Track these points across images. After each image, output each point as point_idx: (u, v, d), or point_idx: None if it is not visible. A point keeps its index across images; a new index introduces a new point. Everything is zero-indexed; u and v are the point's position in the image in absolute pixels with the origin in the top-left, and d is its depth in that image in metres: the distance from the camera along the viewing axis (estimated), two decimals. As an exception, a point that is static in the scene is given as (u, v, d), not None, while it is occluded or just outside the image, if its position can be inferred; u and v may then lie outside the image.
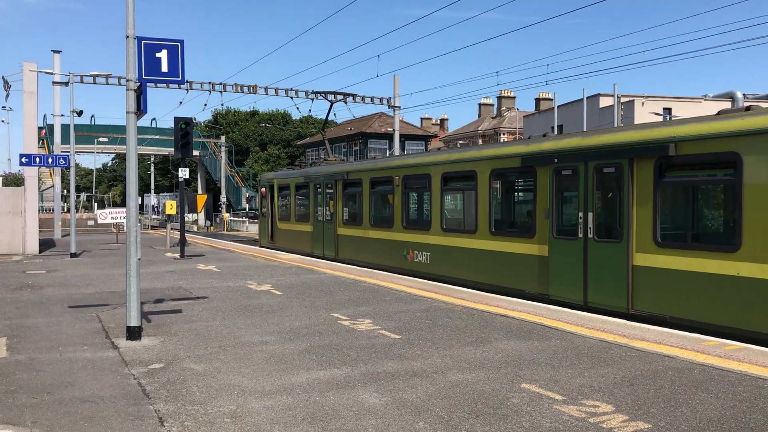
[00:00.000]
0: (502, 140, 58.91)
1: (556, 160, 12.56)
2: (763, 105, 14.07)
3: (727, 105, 39.66)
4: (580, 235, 11.99)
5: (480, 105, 73.51)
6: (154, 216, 61.08)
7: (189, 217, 58.75)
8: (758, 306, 9.19)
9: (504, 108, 68.48)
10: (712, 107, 37.27)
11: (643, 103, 42.51)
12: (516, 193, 15.45)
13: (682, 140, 10.36)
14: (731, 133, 9.70)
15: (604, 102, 44.37)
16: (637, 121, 39.43)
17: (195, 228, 58.07)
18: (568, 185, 12.49)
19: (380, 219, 19.50)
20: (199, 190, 73.00)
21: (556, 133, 41.00)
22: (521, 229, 14.31)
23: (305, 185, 24.34)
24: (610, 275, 11.38)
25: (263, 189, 28.73)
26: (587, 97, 41.94)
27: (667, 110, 41.93)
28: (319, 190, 22.97)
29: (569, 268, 12.21)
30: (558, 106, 45.99)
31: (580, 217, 12.01)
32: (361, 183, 20.32)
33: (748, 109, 10.03)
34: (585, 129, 35.17)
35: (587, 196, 11.90)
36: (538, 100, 63.89)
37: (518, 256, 13.62)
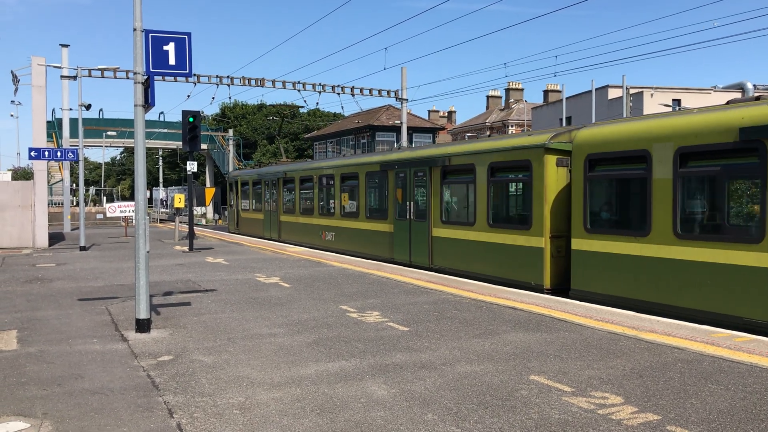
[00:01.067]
0: (510, 132, 58.70)
1: (396, 166, 18.38)
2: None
3: (737, 96, 39.40)
4: (408, 217, 17.76)
5: (488, 97, 73.23)
6: (162, 209, 61.29)
7: (197, 210, 58.89)
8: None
9: (512, 100, 68.20)
10: (722, 98, 37.03)
11: (652, 95, 42.27)
12: (378, 189, 20.17)
13: (452, 155, 16.13)
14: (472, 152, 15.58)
15: (613, 93, 44.13)
16: (646, 112, 39.19)
17: (203, 221, 58.25)
18: (401, 184, 18.17)
19: (306, 209, 25.16)
20: (208, 184, 73.19)
21: (565, 125, 40.93)
22: (381, 213, 19.56)
23: (259, 182, 30.17)
24: (421, 243, 17.13)
25: (230, 184, 34.71)
26: (596, 89, 41.72)
27: (677, 101, 41.67)
28: (268, 186, 28.92)
29: (402, 240, 18.11)
30: (566, 98, 45.79)
31: (408, 205, 17.77)
32: (294, 180, 26.13)
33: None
34: (594, 121, 34.95)
35: (411, 191, 17.68)
36: (546, 92, 63.59)
37: (379, 233, 19.30)
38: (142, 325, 9.15)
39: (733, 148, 9.63)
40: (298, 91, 34.66)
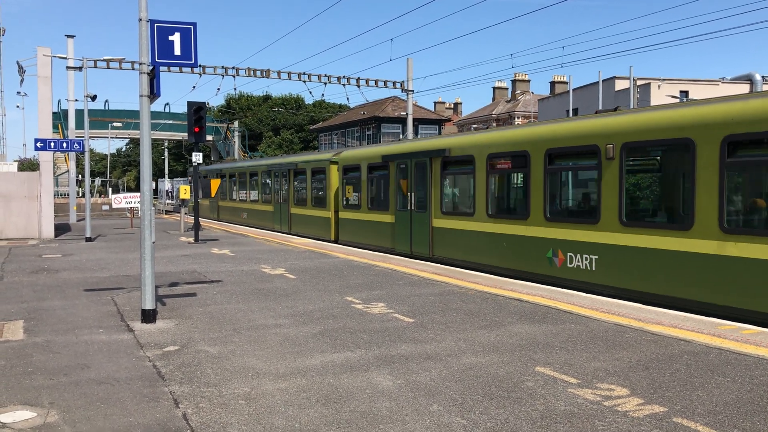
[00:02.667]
0: (516, 123, 58.51)
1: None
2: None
3: (745, 87, 39.16)
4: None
5: (494, 88, 72.97)
6: (168, 201, 61.38)
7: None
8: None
9: (519, 91, 67.95)
10: (731, 90, 36.84)
11: (659, 86, 42.04)
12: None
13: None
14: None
15: (620, 85, 43.91)
16: (653, 103, 38.97)
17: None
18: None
19: (242, 198, 33.18)
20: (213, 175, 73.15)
21: (571, 115, 40.79)
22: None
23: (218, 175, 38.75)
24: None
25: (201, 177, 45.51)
26: (603, 80, 41.52)
27: (684, 93, 41.45)
28: (225, 178, 36.50)
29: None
30: (573, 89, 45.58)
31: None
32: (235, 175, 34.55)
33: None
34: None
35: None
36: (553, 83, 63.32)
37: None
38: (148, 316, 9.17)
39: (382, 165, 17.71)
40: (304, 82, 34.60)
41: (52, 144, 23.66)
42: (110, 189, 79.63)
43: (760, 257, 9.24)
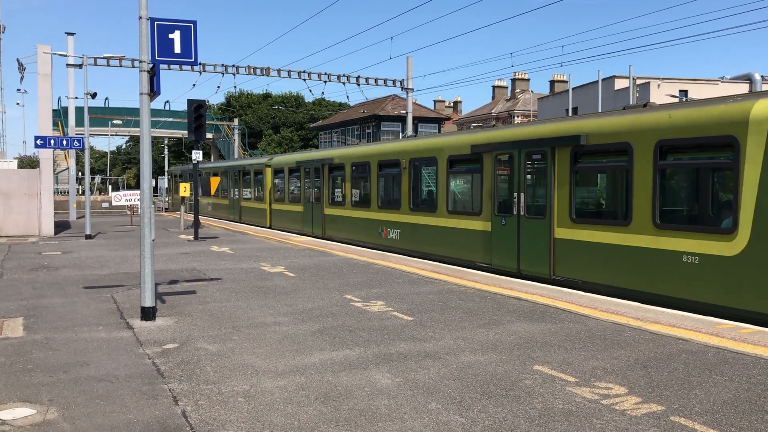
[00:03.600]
0: (516, 122, 58.49)
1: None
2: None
3: (744, 87, 39.17)
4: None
5: (494, 87, 72.93)
6: (167, 198, 61.33)
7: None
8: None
9: (518, 90, 67.95)
10: (730, 89, 36.85)
11: (659, 85, 42.04)
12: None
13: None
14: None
15: (620, 84, 43.90)
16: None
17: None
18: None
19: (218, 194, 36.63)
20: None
21: (570, 114, 40.72)
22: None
23: (179, 175, 43.40)
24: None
25: (168, 176, 47.86)
26: (602, 79, 41.49)
27: (684, 92, 41.46)
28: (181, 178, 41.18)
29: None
30: (573, 89, 45.54)
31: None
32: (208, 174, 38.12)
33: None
34: (600, 111, 34.84)
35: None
36: (552, 82, 63.29)
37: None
38: (148, 313, 9.18)
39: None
40: (304, 80, 34.58)
41: (52, 141, 23.66)
42: (110, 187, 79.63)
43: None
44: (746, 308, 9.36)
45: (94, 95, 26.70)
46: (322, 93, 39.20)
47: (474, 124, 63.12)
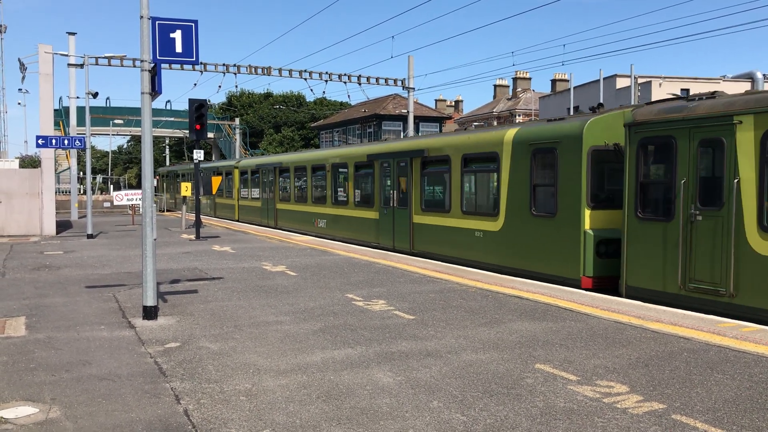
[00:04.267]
0: (517, 121, 58.45)
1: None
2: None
3: (746, 85, 39.13)
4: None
5: (495, 86, 72.93)
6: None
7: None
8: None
9: (519, 89, 67.95)
10: (731, 88, 36.79)
11: (660, 84, 42.01)
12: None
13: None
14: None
15: (621, 83, 43.88)
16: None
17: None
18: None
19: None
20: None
21: (572, 113, 40.81)
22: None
23: (165, 175, 49.88)
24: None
25: (157, 177, 51.11)
26: (604, 78, 41.48)
27: (685, 91, 41.42)
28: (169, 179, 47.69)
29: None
30: (574, 87, 45.54)
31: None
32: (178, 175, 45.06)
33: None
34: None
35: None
36: (554, 81, 63.30)
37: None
38: (149, 313, 9.19)
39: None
40: (305, 79, 34.58)
41: (54, 141, 23.69)
42: (111, 186, 79.67)
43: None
44: (505, 264, 14.22)
45: (95, 95, 26.71)
46: (324, 92, 39.19)
47: (475, 123, 63.12)
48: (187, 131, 24.94)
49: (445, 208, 16.48)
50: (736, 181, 9.43)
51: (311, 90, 70.75)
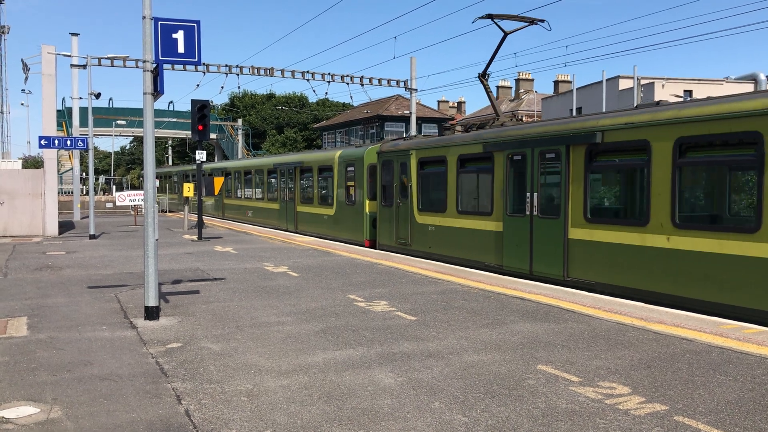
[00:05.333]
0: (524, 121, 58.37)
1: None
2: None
3: (749, 87, 39.04)
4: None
5: (498, 87, 72.85)
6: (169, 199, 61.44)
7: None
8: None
9: (522, 90, 67.88)
10: (735, 89, 36.73)
11: (663, 85, 41.96)
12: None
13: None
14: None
15: (624, 84, 43.82)
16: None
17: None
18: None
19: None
20: (217, 173, 73.22)
21: (574, 114, 40.78)
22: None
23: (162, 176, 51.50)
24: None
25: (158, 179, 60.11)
26: (607, 79, 41.46)
27: (688, 92, 41.37)
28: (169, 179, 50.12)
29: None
30: (577, 89, 45.50)
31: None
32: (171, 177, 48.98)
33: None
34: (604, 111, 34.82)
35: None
36: (556, 83, 63.21)
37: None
38: (151, 313, 9.20)
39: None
40: (307, 80, 34.64)
41: (57, 142, 23.72)
42: (114, 187, 79.76)
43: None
44: (334, 235, 22.61)
45: (98, 95, 26.75)
46: (326, 93, 39.13)
47: (476, 124, 62.99)
48: (190, 132, 24.95)
49: (313, 202, 24.94)
50: (410, 185, 17.68)
51: (314, 91, 70.99)
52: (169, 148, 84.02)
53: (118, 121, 63.52)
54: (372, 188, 20.28)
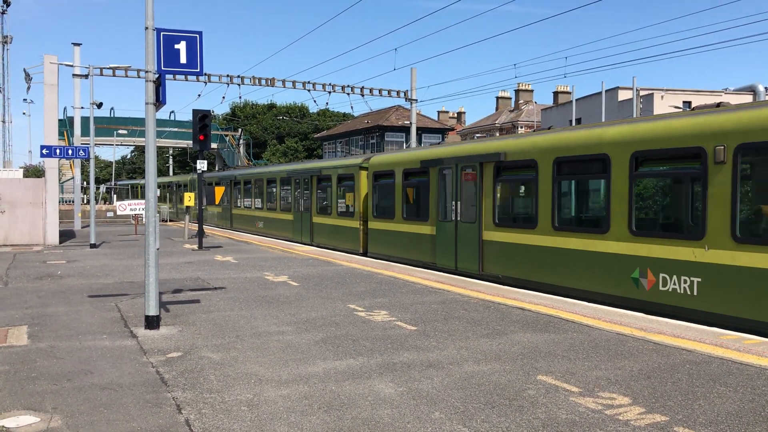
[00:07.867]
0: (519, 133, 58.55)
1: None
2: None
3: (748, 98, 39.13)
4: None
5: (497, 98, 73.09)
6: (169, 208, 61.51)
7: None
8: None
9: (522, 101, 68.07)
10: (733, 100, 36.84)
11: (662, 97, 42.09)
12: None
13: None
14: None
15: (623, 95, 43.98)
16: (656, 113, 38.95)
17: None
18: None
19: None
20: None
21: (573, 123, 40.75)
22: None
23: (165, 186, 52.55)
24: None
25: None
26: (606, 91, 41.57)
27: (687, 103, 41.46)
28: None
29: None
30: (576, 100, 45.64)
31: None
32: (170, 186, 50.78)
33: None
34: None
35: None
36: (556, 93, 63.42)
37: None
38: (152, 322, 9.20)
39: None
40: (308, 91, 34.74)
41: (58, 151, 23.77)
42: (115, 196, 79.80)
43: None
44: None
45: (99, 105, 26.85)
46: (327, 103, 39.20)
47: (477, 135, 63.21)
48: (191, 142, 25.18)
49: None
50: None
51: (314, 101, 71.18)
52: (171, 157, 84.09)
53: (120, 131, 63.66)
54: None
